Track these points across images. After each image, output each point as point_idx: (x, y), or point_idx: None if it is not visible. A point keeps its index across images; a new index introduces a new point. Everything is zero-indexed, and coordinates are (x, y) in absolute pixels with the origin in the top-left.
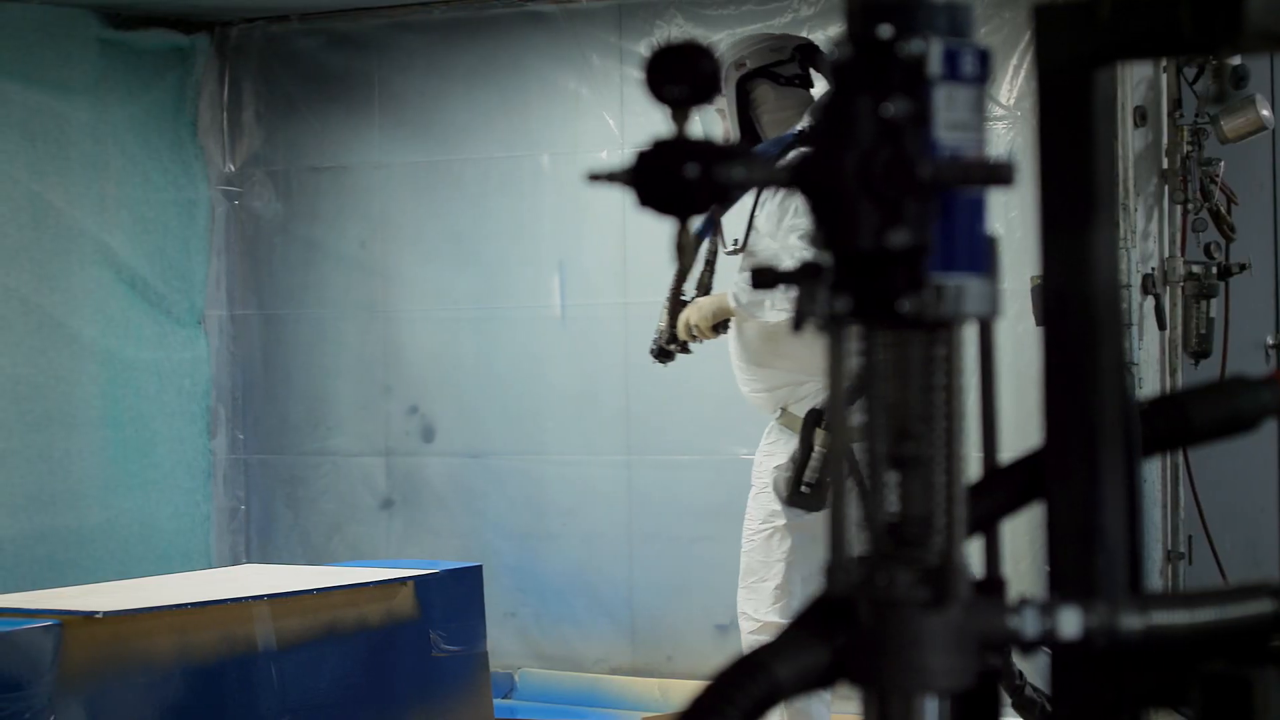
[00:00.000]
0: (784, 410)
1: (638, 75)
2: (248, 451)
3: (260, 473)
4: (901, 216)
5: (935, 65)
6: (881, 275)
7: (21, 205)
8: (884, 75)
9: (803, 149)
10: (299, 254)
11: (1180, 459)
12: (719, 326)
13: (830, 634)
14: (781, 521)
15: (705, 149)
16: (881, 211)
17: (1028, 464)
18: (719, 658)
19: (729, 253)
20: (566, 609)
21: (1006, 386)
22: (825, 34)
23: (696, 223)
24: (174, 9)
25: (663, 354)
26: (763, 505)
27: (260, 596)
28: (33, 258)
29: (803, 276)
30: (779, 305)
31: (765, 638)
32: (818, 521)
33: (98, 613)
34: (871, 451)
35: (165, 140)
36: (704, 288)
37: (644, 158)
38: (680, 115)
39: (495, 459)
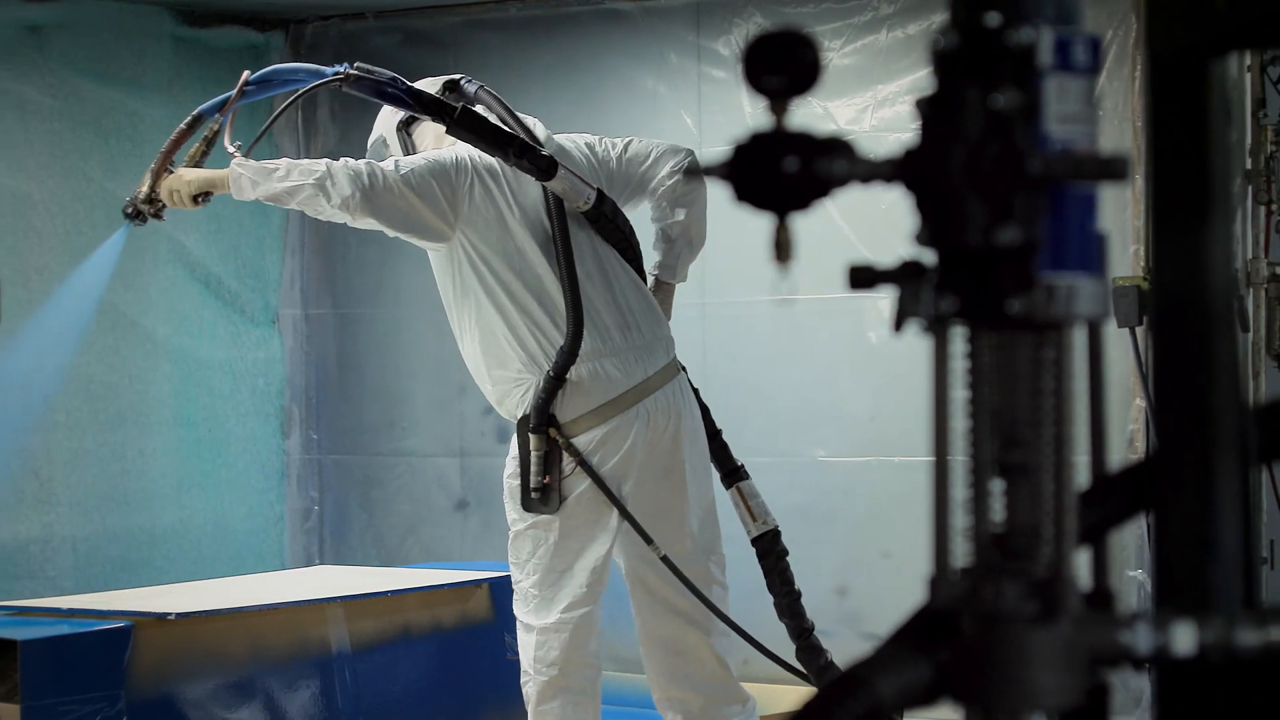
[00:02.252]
0: (516, 417)
1: (716, 74)
2: (322, 452)
3: (334, 473)
4: (1011, 212)
5: (1046, 54)
6: (989, 274)
7: (95, 203)
8: (992, 65)
9: None
10: (374, 253)
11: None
12: (200, 198)
13: (933, 649)
14: (521, 526)
15: (805, 141)
16: (990, 207)
17: (1138, 471)
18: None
19: (231, 153)
20: (627, 611)
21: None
22: (905, 32)
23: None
24: (248, 6)
25: (136, 214)
26: (506, 512)
27: (334, 598)
28: None
29: (905, 276)
30: (293, 178)
31: (526, 637)
32: (552, 520)
33: (170, 614)
34: (975, 458)
35: (240, 139)
36: (194, 163)
37: (741, 151)
38: (778, 106)
39: None
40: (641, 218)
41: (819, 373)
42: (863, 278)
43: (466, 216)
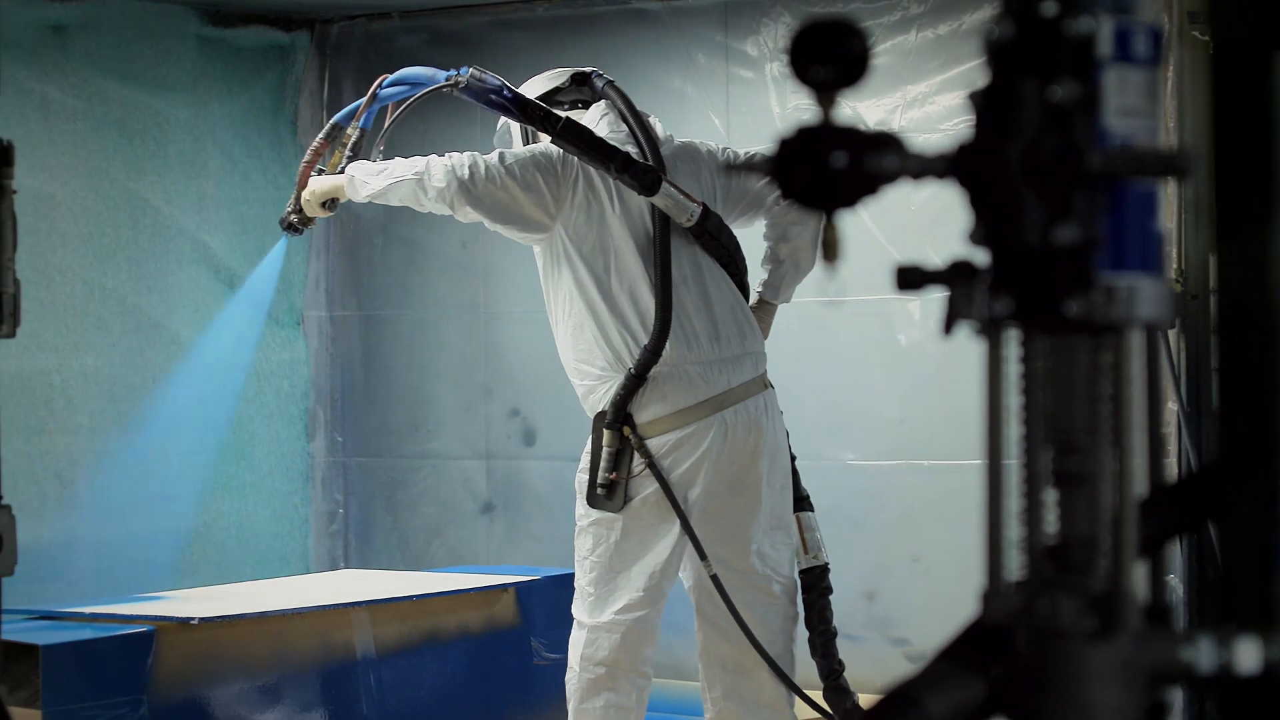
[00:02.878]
0: (594, 413)
1: (744, 74)
2: (346, 454)
3: (359, 476)
4: (1069, 210)
5: (1105, 45)
6: (1046, 274)
7: (119, 204)
8: (1050, 56)
9: None
10: (399, 254)
11: None
12: (328, 205)
13: (985, 666)
14: (585, 522)
15: (853, 136)
16: (1048, 204)
17: (1199, 480)
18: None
19: (377, 156)
20: (669, 616)
21: None
22: (934, 32)
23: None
24: (274, 6)
25: (289, 226)
26: (576, 506)
27: (359, 603)
28: (130, 257)
29: (956, 276)
30: (395, 174)
31: (577, 633)
32: (614, 519)
33: (193, 619)
34: (1029, 467)
35: (265, 139)
36: (336, 171)
37: (787, 145)
38: (826, 99)
39: None
40: (753, 235)
41: (848, 375)
42: (911, 279)
43: (568, 210)
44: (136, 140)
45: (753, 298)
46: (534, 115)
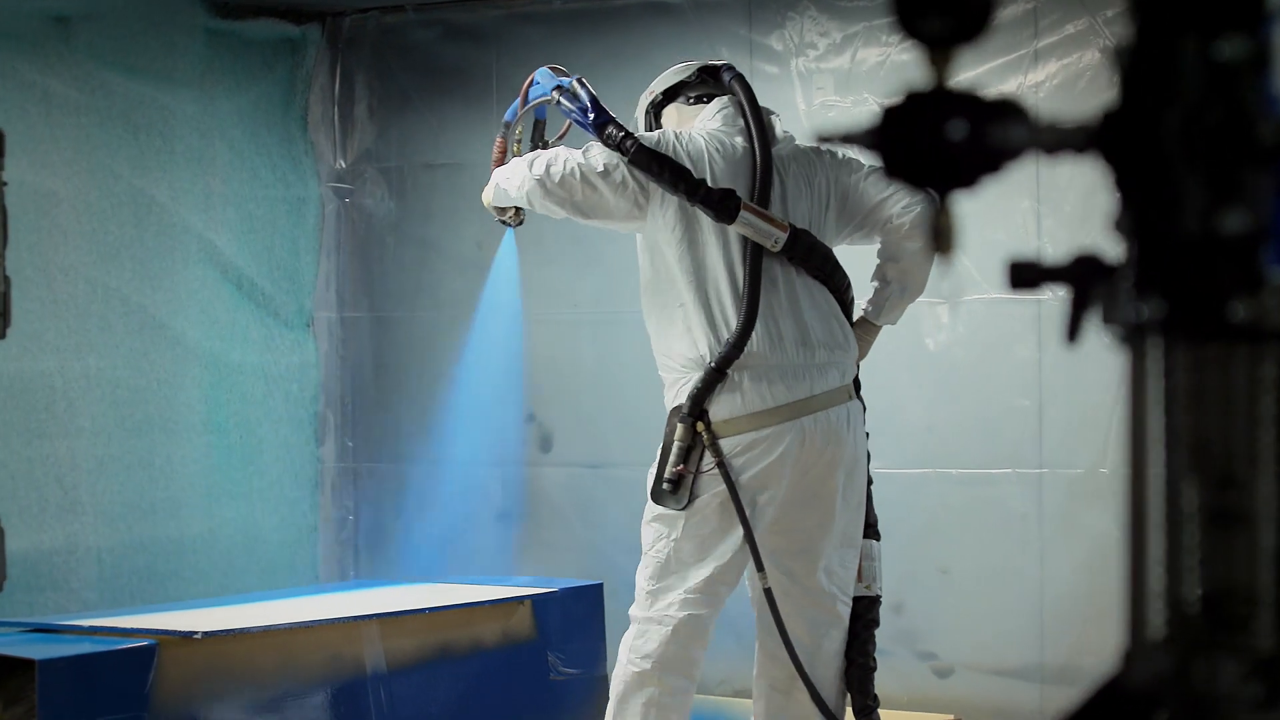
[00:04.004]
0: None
1: (769, 69)
2: (357, 460)
3: (370, 482)
4: (1238, 193)
5: None
6: (1208, 271)
7: (124, 201)
8: (1213, 7)
9: None
10: (412, 254)
11: None
12: (496, 209)
13: None
14: (649, 517)
15: (974, 103)
16: (1211, 186)
17: None
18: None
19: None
20: None
21: None
22: None
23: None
24: None
25: (501, 221)
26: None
27: (369, 616)
28: (135, 256)
29: (1082, 273)
30: (497, 175)
31: (629, 631)
32: (677, 517)
33: (196, 633)
34: (1173, 504)
35: (274, 135)
36: None
37: (894, 114)
38: (940, 58)
39: (616, 470)
40: (866, 254)
41: (874, 382)
42: (1027, 276)
43: (658, 202)
44: (142, 135)
45: (856, 315)
46: (610, 139)
